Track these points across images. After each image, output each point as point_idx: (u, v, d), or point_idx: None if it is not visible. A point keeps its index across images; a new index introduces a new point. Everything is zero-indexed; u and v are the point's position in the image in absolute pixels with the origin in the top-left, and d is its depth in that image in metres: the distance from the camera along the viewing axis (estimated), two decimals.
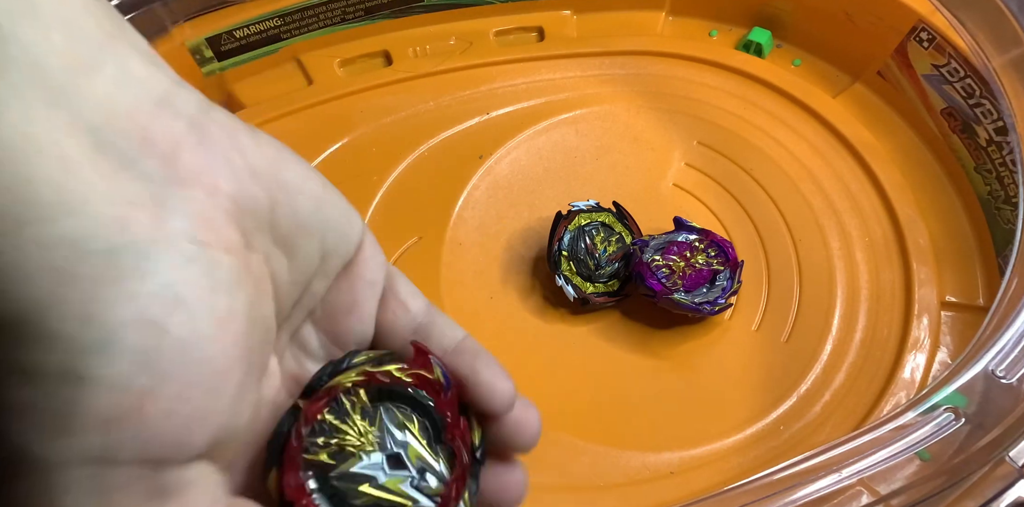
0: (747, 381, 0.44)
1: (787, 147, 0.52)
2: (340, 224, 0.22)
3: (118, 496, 0.16)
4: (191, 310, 0.17)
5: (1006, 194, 0.46)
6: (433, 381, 0.21)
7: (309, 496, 0.19)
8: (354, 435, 0.20)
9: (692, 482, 0.41)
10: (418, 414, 0.21)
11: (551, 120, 0.54)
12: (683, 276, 0.45)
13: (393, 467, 0.20)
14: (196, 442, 0.17)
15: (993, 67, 0.43)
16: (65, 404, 0.15)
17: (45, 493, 0.16)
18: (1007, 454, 0.31)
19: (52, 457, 0.15)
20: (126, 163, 0.17)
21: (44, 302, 0.15)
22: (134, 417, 0.16)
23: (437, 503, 0.20)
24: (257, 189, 0.19)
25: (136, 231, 0.17)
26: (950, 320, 0.46)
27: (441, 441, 0.21)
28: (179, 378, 0.16)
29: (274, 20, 0.54)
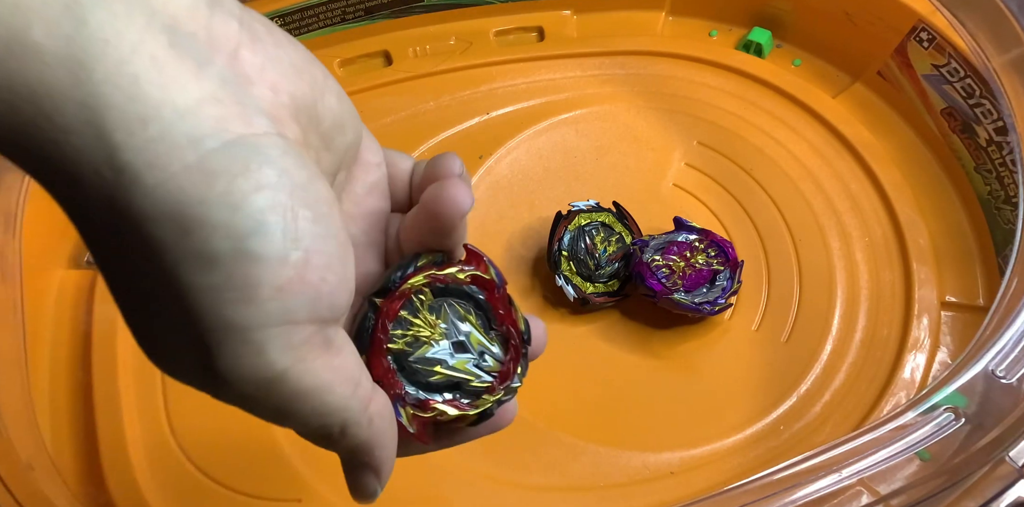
0: (747, 381, 0.44)
1: (787, 147, 0.52)
2: (354, 117, 0.24)
3: (304, 348, 0.19)
4: (306, 193, 0.19)
5: (1006, 194, 0.46)
6: (487, 280, 0.25)
7: (394, 374, 0.23)
8: (426, 327, 0.24)
9: (692, 482, 0.41)
10: (474, 307, 0.25)
11: (551, 120, 0.54)
12: (683, 276, 0.45)
13: (459, 351, 0.24)
14: (343, 303, 0.20)
15: (993, 67, 0.43)
16: (246, 279, 0.18)
17: (253, 351, 0.19)
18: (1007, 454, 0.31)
19: (247, 322, 0.18)
20: (202, 63, 0.18)
21: (194, 196, 0.18)
22: (299, 285, 0.19)
23: (495, 377, 0.24)
24: (303, 85, 0.21)
25: (234, 128, 0.18)
26: (950, 320, 0.46)
27: (494, 329, 0.25)
28: (321, 250, 0.19)
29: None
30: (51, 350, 0.46)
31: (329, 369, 0.20)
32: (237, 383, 0.19)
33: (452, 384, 0.24)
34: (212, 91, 0.18)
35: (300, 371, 0.20)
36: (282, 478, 0.42)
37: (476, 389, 0.24)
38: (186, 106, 0.18)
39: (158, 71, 0.17)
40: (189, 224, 0.18)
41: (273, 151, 0.19)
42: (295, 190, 0.19)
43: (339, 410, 0.21)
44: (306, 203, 0.19)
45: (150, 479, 0.41)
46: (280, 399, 0.20)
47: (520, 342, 0.25)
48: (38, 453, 0.40)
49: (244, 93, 0.19)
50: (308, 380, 0.20)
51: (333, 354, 0.21)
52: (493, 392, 0.24)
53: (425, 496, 0.41)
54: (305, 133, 0.21)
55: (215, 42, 0.19)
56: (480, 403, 0.24)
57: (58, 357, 0.45)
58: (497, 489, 0.41)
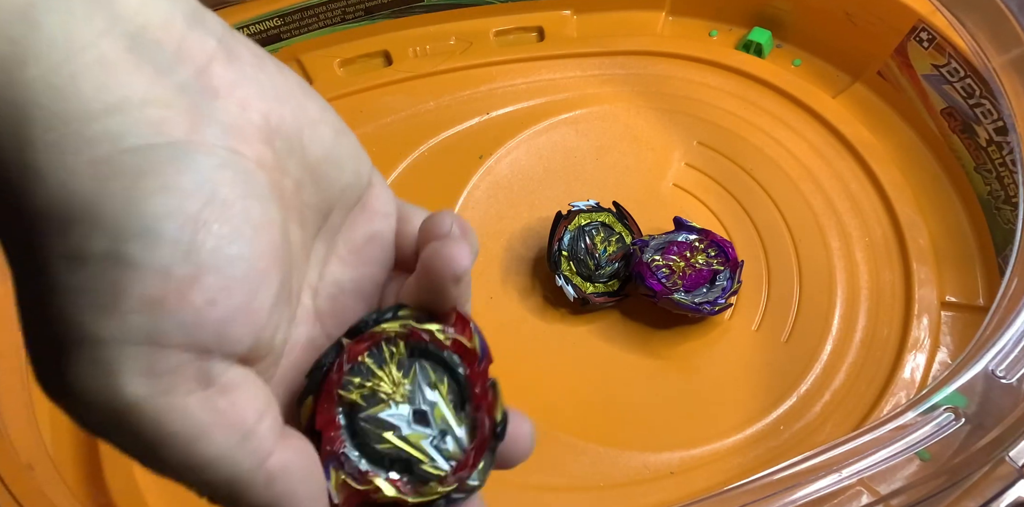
0: (747, 381, 0.44)
1: (787, 147, 0.52)
2: (356, 157, 0.23)
3: (170, 378, 0.17)
4: (228, 208, 0.17)
5: (1006, 194, 0.46)
6: (469, 350, 0.22)
7: (337, 429, 0.20)
8: (388, 383, 0.21)
9: (692, 482, 0.41)
10: (449, 377, 0.22)
11: (551, 120, 0.54)
12: (683, 276, 0.45)
13: (417, 422, 0.21)
14: (238, 336, 0.18)
15: (993, 67, 0.43)
16: (112, 285, 0.16)
17: (103, 370, 0.17)
18: (1007, 454, 0.31)
19: (102, 334, 0.16)
20: (162, 70, 0.18)
21: (88, 192, 0.16)
22: (178, 302, 0.17)
23: (452, 467, 0.21)
24: (285, 111, 0.20)
25: (173, 133, 0.17)
26: (950, 320, 0.46)
27: (465, 409, 0.22)
28: (220, 271, 0.17)
29: (274, 20, 0.54)
30: None
31: (207, 410, 0.18)
32: (85, 407, 0.17)
33: (402, 462, 0.21)
34: (165, 96, 0.17)
35: (161, 406, 0.17)
36: None
37: (425, 474, 0.21)
38: (121, 105, 0.17)
39: (102, 71, 0.17)
40: (72, 219, 0.16)
41: (206, 160, 0.17)
42: (213, 203, 0.17)
43: (219, 464, 0.18)
44: (224, 220, 0.17)
45: (150, 479, 0.41)
46: (139, 438, 0.17)
47: (491, 433, 0.21)
48: (38, 453, 0.40)
49: (205, 104, 0.18)
50: (172, 419, 0.17)
51: (216, 393, 0.18)
52: (444, 483, 0.21)
53: None
54: (279, 158, 0.20)
55: (184, 54, 0.18)
56: (426, 491, 0.21)
57: None
58: (497, 489, 0.41)
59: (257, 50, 0.20)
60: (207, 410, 0.18)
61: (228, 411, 0.18)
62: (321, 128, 0.21)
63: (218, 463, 0.18)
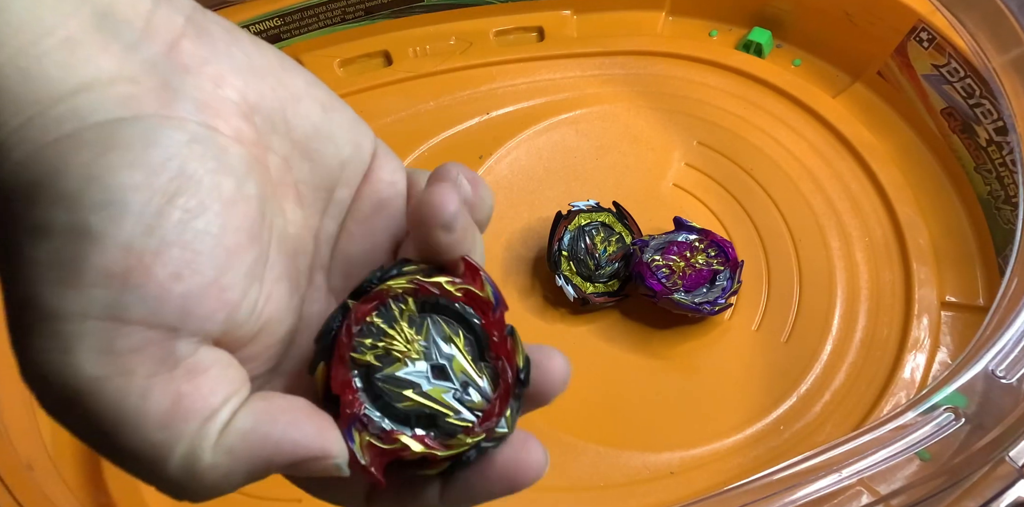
0: (747, 381, 0.44)
1: (787, 147, 0.52)
2: (352, 130, 0.22)
3: (131, 358, 0.16)
4: (196, 183, 0.17)
5: (1006, 194, 0.46)
6: (482, 299, 0.21)
7: (354, 391, 0.20)
8: (401, 341, 0.20)
9: (692, 482, 0.41)
10: (464, 329, 0.21)
11: (551, 120, 0.54)
12: (683, 276, 0.45)
13: (437, 377, 0.20)
14: (206, 313, 0.17)
15: (993, 67, 0.43)
16: (72, 258, 0.16)
17: (61, 346, 0.16)
18: (1007, 454, 0.31)
19: (61, 307, 0.16)
20: (130, 47, 0.18)
21: (52, 166, 0.16)
22: (141, 276, 0.16)
23: (479, 417, 0.20)
24: (264, 87, 0.20)
25: (142, 109, 0.17)
26: (950, 320, 0.46)
27: (485, 359, 0.21)
28: (185, 245, 0.17)
29: (274, 20, 0.54)
30: None
31: (167, 395, 0.17)
32: (44, 386, 0.16)
33: (425, 418, 0.20)
34: (133, 72, 0.17)
35: (120, 387, 0.16)
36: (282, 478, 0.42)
37: (451, 426, 0.20)
38: (88, 84, 0.17)
39: (69, 51, 0.17)
40: (37, 194, 0.16)
41: (176, 134, 0.17)
42: (180, 178, 0.17)
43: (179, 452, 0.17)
44: (190, 193, 0.17)
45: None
46: (94, 421, 0.16)
47: (515, 380, 0.21)
48: (38, 453, 0.40)
49: (177, 80, 0.18)
50: (130, 403, 0.16)
51: (180, 376, 0.17)
52: (471, 433, 0.20)
53: None
54: (261, 134, 0.20)
55: (153, 31, 0.18)
56: (454, 444, 0.20)
57: None
58: None
59: (230, 26, 0.20)
60: (167, 394, 0.17)
61: (190, 395, 0.17)
62: (306, 103, 0.21)
63: (174, 451, 0.17)
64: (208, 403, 0.17)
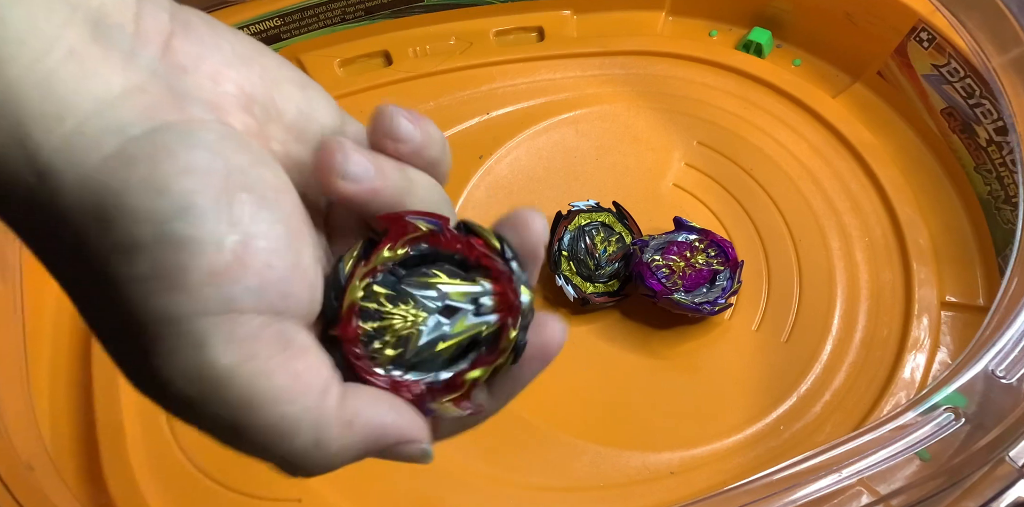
0: (747, 381, 0.44)
1: (787, 147, 0.52)
2: (327, 104, 0.22)
3: (254, 344, 0.17)
4: (246, 177, 0.18)
5: (1006, 194, 0.46)
6: (425, 234, 0.21)
7: (399, 380, 0.21)
8: (400, 321, 0.21)
9: (692, 482, 0.41)
10: (436, 266, 0.22)
11: (551, 120, 0.54)
12: (683, 276, 0.45)
13: (450, 316, 0.21)
14: (299, 295, 0.18)
15: (993, 67, 0.43)
16: (174, 265, 0.17)
17: (190, 344, 0.17)
18: (1007, 454, 0.31)
19: (179, 311, 0.17)
20: (128, 54, 0.18)
21: (114, 186, 0.17)
22: (239, 270, 0.17)
23: (501, 312, 0.21)
24: (252, 75, 0.20)
25: (164, 116, 0.18)
26: (950, 320, 0.46)
27: (471, 268, 0.22)
28: (265, 234, 0.18)
29: (274, 20, 0.54)
30: (51, 349, 0.46)
31: (288, 373, 0.18)
32: (177, 383, 0.17)
33: (468, 347, 0.21)
34: (140, 81, 0.18)
35: (251, 371, 0.17)
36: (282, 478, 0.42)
37: (491, 337, 0.21)
38: (107, 97, 0.17)
39: (77, 65, 0.17)
40: (110, 215, 0.17)
41: (207, 135, 0.18)
42: (232, 174, 0.18)
43: (307, 424, 0.18)
44: (246, 187, 0.18)
45: (150, 479, 0.41)
46: (230, 406, 0.18)
47: (503, 260, 0.22)
48: (38, 453, 0.40)
49: (179, 83, 0.18)
50: (262, 384, 0.18)
51: (293, 355, 0.18)
52: (507, 325, 0.21)
53: (424, 496, 0.41)
54: (262, 125, 0.20)
55: (144, 34, 0.18)
56: (504, 346, 0.21)
57: (58, 356, 0.45)
58: (497, 489, 0.41)
59: (208, 18, 0.20)
60: (288, 373, 0.18)
61: (305, 373, 0.18)
62: (286, 87, 0.21)
63: (307, 425, 0.18)
64: (320, 379, 0.19)
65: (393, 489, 0.41)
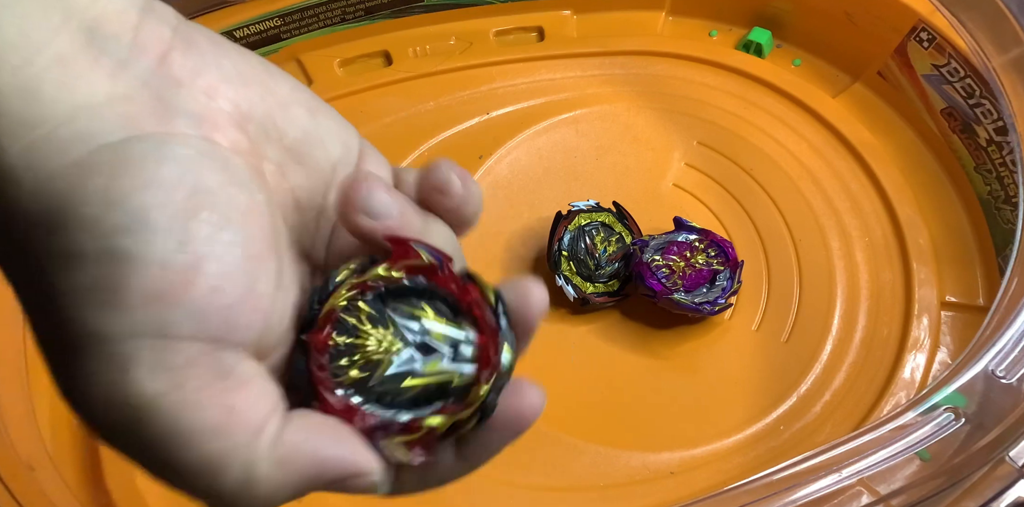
0: (747, 381, 0.44)
1: (787, 147, 0.52)
2: (340, 132, 0.22)
3: (186, 372, 0.16)
4: (214, 196, 0.17)
5: (1006, 194, 0.46)
6: (424, 266, 0.21)
7: (357, 411, 0.20)
8: (373, 344, 0.20)
9: (692, 482, 0.41)
10: (426, 300, 0.21)
11: (551, 120, 0.54)
12: (683, 276, 0.45)
13: (426, 354, 0.20)
14: (247, 323, 0.17)
15: (993, 67, 0.43)
16: (113, 281, 0.16)
17: (115, 367, 0.16)
18: (1007, 454, 0.31)
19: (110, 330, 0.16)
20: (121, 63, 0.18)
21: (69, 193, 0.16)
22: (184, 293, 0.16)
23: (478, 366, 0.20)
24: (253, 95, 0.20)
25: (143, 127, 0.17)
26: (950, 320, 0.46)
27: (460, 313, 0.21)
28: (218, 258, 0.17)
29: (274, 20, 0.54)
30: None
31: (221, 407, 0.17)
32: (100, 406, 0.16)
33: (435, 392, 0.20)
34: (127, 91, 0.17)
35: (178, 402, 0.16)
36: None
37: (461, 386, 0.20)
38: (87, 103, 0.17)
39: (62, 70, 0.17)
40: (59, 222, 0.16)
41: (183, 150, 0.17)
42: (198, 192, 0.17)
43: (237, 462, 0.17)
44: (210, 206, 0.17)
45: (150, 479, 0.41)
46: (153, 438, 0.16)
47: (494, 316, 0.21)
48: (38, 453, 0.40)
49: (170, 95, 0.18)
50: (189, 417, 0.16)
51: (230, 387, 0.17)
52: (480, 382, 0.20)
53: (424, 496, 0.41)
54: (255, 143, 0.20)
55: (141, 45, 0.18)
56: (472, 399, 0.20)
57: None
58: (497, 489, 0.41)
59: (215, 37, 0.20)
60: (221, 407, 0.17)
61: (241, 407, 0.17)
62: (294, 109, 0.21)
63: (232, 461, 0.17)
64: (257, 414, 0.17)
65: None
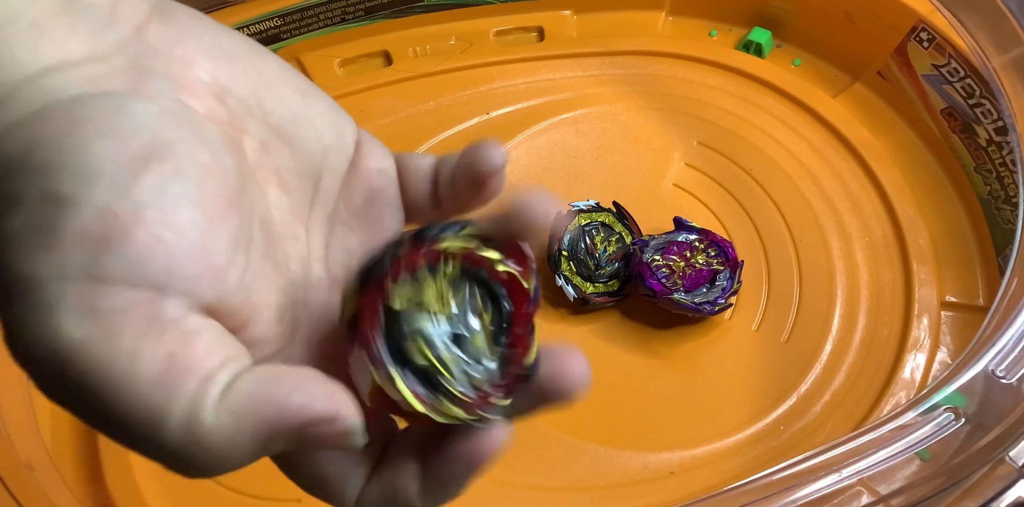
0: (747, 381, 0.44)
1: (787, 147, 0.52)
2: (332, 116, 0.22)
3: (118, 319, 0.16)
4: (171, 151, 0.17)
5: (1006, 194, 0.46)
6: (523, 289, 0.21)
7: (378, 329, 0.19)
8: (436, 298, 0.20)
9: (692, 482, 0.41)
10: (494, 309, 0.21)
11: (551, 120, 0.54)
12: (683, 276, 0.45)
13: (454, 343, 0.20)
14: (193, 275, 0.16)
15: (993, 67, 0.43)
16: (47, 224, 0.16)
17: (42, 310, 0.16)
18: (1007, 454, 0.31)
19: (39, 272, 0.16)
20: (97, 30, 0.18)
21: (26, 142, 0.16)
22: (121, 238, 0.16)
23: (476, 396, 0.20)
24: (235, 70, 0.19)
25: (112, 86, 0.17)
26: (950, 320, 0.46)
27: (502, 345, 0.21)
28: (164, 208, 0.16)
29: (274, 20, 0.54)
30: None
31: (159, 356, 0.16)
32: (28, 353, 0.16)
33: (430, 377, 0.20)
34: (101, 53, 0.17)
35: (109, 350, 0.15)
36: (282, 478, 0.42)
37: (449, 395, 0.20)
38: (58, 65, 0.17)
39: (36, 34, 0.17)
40: (11, 168, 0.16)
41: (148, 107, 0.17)
42: (156, 147, 0.16)
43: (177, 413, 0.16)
44: (165, 160, 0.16)
45: (150, 479, 0.41)
46: (85, 387, 0.16)
47: (521, 373, 0.21)
48: (38, 453, 0.40)
49: (145, 60, 0.18)
50: (122, 365, 0.16)
51: (173, 338, 0.16)
52: (468, 410, 0.20)
53: None
54: (235, 116, 0.19)
55: (119, 15, 0.18)
56: (445, 412, 0.20)
57: None
58: (497, 489, 0.41)
59: (197, 13, 0.20)
60: (159, 356, 0.16)
61: (184, 356, 0.16)
62: (281, 89, 0.20)
63: (172, 412, 0.16)
64: (204, 364, 0.16)
65: None
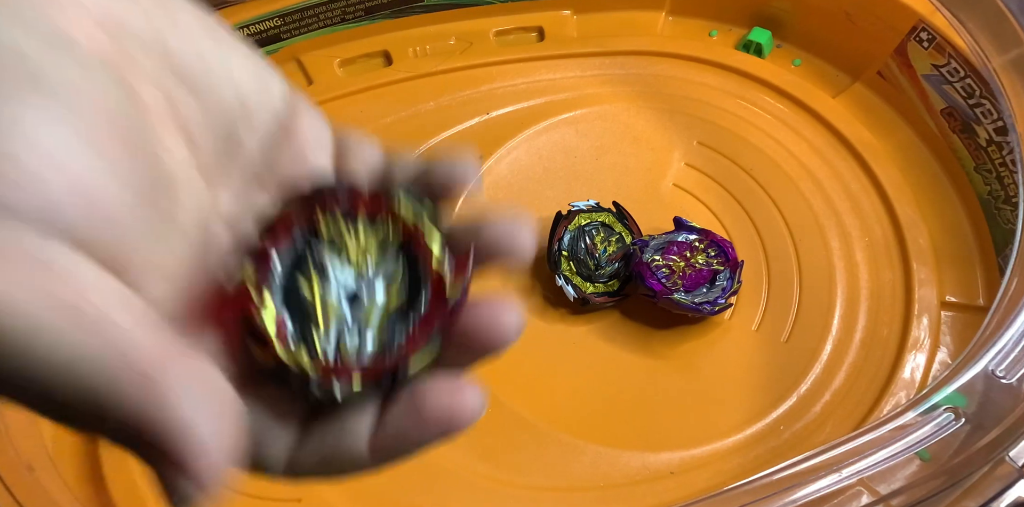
0: (747, 381, 0.44)
1: (787, 147, 0.52)
2: (255, 69, 0.20)
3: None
4: (47, 80, 0.15)
5: (1006, 194, 0.46)
6: (443, 297, 0.19)
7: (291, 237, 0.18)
8: (356, 250, 0.19)
9: (692, 482, 0.41)
10: (409, 300, 0.19)
11: (551, 120, 0.54)
12: (683, 276, 0.45)
13: (347, 299, 0.18)
14: (53, 196, 0.15)
15: (993, 67, 0.43)
16: None
17: None
18: (1007, 454, 0.31)
19: None
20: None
21: None
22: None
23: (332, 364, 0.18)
24: (132, 5, 0.18)
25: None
26: (950, 320, 0.46)
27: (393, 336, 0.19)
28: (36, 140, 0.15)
29: (274, 20, 0.54)
30: None
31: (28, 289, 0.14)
32: None
33: (302, 316, 0.18)
34: None
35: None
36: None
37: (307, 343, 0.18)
38: None
39: None
40: None
41: (12, 25, 0.15)
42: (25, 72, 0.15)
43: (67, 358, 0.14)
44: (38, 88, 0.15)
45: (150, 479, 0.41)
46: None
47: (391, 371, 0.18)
48: (39, 453, 0.40)
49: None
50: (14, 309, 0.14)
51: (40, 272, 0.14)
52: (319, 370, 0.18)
53: (424, 497, 0.41)
54: (129, 54, 0.17)
55: None
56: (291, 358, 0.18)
57: None
58: (497, 489, 0.41)
59: None
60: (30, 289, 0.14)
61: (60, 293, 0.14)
62: (195, 35, 0.18)
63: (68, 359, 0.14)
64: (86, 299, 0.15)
65: (393, 489, 0.41)
